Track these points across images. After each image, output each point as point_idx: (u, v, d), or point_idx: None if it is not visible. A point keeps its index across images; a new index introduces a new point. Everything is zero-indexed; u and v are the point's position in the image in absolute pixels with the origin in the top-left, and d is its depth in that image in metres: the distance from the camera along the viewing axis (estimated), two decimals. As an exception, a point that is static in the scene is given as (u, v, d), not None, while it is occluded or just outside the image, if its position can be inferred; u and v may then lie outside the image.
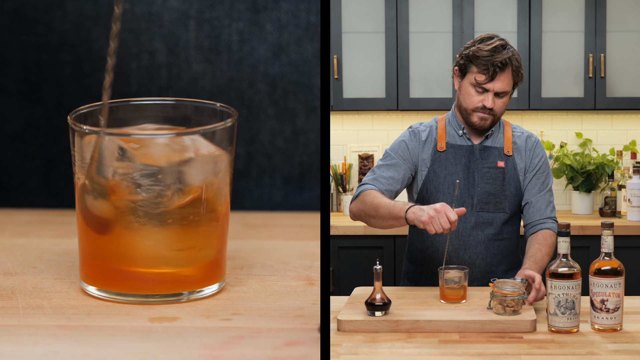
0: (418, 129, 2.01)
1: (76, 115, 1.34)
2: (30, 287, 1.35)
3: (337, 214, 3.19)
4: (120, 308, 1.28)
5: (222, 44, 1.69)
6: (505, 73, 1.92)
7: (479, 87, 1.93)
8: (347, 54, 3.18)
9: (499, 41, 1.93)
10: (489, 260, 1.96)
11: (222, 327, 1.22)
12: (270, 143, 1.71)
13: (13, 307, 1.28)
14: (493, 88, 1.92)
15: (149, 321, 1.23)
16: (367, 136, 3.38)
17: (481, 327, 1.61)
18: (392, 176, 1.96)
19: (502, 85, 1.93)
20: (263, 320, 1.24)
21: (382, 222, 1.89)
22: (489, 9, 3.15)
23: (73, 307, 1.28)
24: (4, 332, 1.19)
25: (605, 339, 1.55)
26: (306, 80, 1.69)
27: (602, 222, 1.61)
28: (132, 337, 1.19)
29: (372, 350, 1.50)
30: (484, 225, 1.96)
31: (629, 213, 3.08)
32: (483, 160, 1.97)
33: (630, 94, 3.15)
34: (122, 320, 1.24)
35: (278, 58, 1.69)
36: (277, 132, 1.71)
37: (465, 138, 1.99)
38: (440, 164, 1.98)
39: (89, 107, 1.36)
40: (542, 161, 2.00)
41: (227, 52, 1.69)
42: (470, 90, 1.94)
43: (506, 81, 1.93)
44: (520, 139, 2.00)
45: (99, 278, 1.32)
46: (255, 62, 1.69)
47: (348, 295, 1.85)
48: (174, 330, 1.21)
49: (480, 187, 1.96)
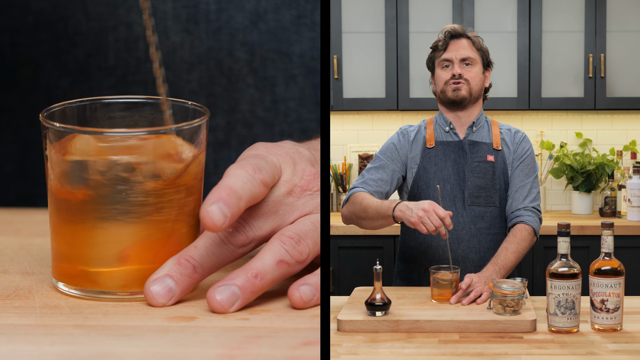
0: (407, 130, 2.04)
1: (48, 113, 1.33)
2: (47, 286, 1.34)
3: (337, 214, 3.19)
4: (138, 307, 1.27)
5: (200, 14, 1.68)
6: (462, 41, 2.00)
7: (444, 64, 1.99)
8: (347, 54, 3.18)
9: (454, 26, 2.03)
10: (482, 254, 1.96)
11: (239, 326, 1.22)
12: (250, 112, 1.70)
13: (30, 306, 1.28)
14: (454, 57, 1.98)
15: (166, 321, 1.23)
16: (367, 136, 3.38)
17: (481, 327, 1.61)
18: (380, 178, 1.98)
19: (463, 52, 1.99)
20: (280, 320, 1.24)
21: (372, 223, 1.90)
22: (489, 9, 3.15)
23: (90, 307, 1.27)
24: (21, 332, 1.19)
25: (605, 339, 1.55)
26: (285, 48, 1.68)
27: (602, 222, 1.61)
28: (149, 336, 1.18)
29: (372, 350, 1.50)
30: (476, 219, 1.97)
31: (629, 213, 3.08)
32: (472, 155, 1.98)
33: (630, 94, 3.15)
34: (139, 319, 1.23)
35: (256, 26, 1.67)
36: (257, 101, 1.70)
37: (452, 133, 2.00)
38: (429, 160, 1.98)
39: (60, 106, 1.35)
40: (527, 153, 2.00)
41: (205, 21, 1.67)
42: (439, 72, 2.01)
43: (466, 49, 2.00)
44: (508, 135, 2.02)
45: (69, 275, 1.32)
46: (234, 31, 1.67)
47: (348, 295, 1.85)
48: (191, 329, 1.21)
49: (470, 181, 1.96)
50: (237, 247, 1.29)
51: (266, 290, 1.28)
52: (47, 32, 1.72)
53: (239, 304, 1.26)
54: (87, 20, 1.70)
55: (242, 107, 1.69)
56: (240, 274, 1.26)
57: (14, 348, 1.15)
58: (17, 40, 1.73)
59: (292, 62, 1.68)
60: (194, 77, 1.69)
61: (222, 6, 1.67)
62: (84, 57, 1.71)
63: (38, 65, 1.73)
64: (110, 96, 1.40)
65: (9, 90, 1.75)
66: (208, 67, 1.68)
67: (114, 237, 1.28)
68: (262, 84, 1.69)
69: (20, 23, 1.72)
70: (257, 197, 1.28)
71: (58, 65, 1.73)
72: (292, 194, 1.32)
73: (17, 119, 1.75)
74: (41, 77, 1.73)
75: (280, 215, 1.31)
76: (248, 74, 1.68)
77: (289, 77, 1.69)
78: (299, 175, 1.32)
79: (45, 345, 1.15)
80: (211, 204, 1.23)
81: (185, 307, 1.28)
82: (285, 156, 1.33)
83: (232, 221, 1.24)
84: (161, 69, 1.28)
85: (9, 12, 1.72)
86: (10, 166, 1.77)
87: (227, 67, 1.68)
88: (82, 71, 1.71)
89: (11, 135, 1.76)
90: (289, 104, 1.69)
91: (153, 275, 1.27)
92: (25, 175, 1.77)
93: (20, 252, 1.48)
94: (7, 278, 1.37)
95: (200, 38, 1.67)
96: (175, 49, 1.68)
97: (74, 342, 1.16)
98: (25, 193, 1.77)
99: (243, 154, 1.33)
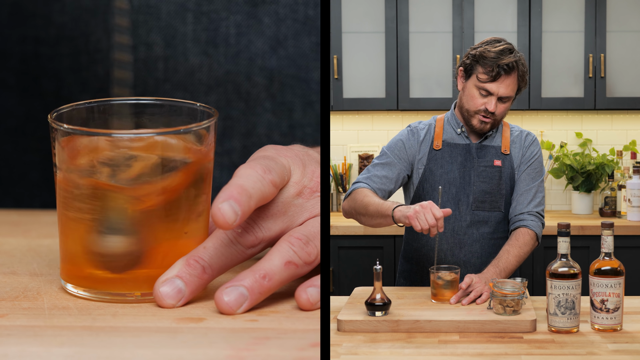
0: (417, 128, 2.02)
1: (57, 115, 1.33)
2: (56, 287, 1.34)
3: (337, 214, 3.19)
4: (147, 309, 1.27)
5: (220, 37, 1.69)
6: (511, 77, 1.92)
7: (482, 90, 1.93)
8: (347, 54, 3.18)
9: (507, 44, 1.94)
10: (485, 259, 1.96)
11: (248, 328, 1.22)
12: (267, 136, 1.71)
13: (39, 307, 1.28)
14: (497, 92, 1.92)
15: (175, 322, 1.23)
16: (367, 136, 3.38)
17: (481, 327, 1.61)
18: (385, 175, 1.97)
19: (506, 90, 1.93)
20: (288, 322, 1.24)
21: (371, 220, 1.90)
22: (489, 9, 3.15)
23: (99, 308, 1.27)
24: (30, 333, 1.19)
25: (605, 339, 1.55)
26: (304, 75, 1.69)
27: (602, 222, 1.61)
28: (158, 338, 1.18)
29: (372, 350, 1.50)
30: (479, 224, 1.97)
31: (629, 213, 3.08)
32: (479, 159, 1.97)
33: (630, 94, 3.15)
34: (148, 321, 1.23)
35: (275, 52, 1.68)
36: (273, 126, 1.71)
37: (463, 136, 1.99)
38: (436, 162, 1.98)
39: (69, 107, 1.35)
40: (535, 157, 1.99)
41: (224, 45, 1.68)
42: (474, 92, 1.94)
43: (511, 86, 1.93)
44: (519, 137, 2.00)
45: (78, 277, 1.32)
46: (253, 56, 1.68)
47: (348, 295, 1.85)
48: (200, 331, 1.21)
49: (476, 186, 1.96)
50: (246, 248, 1.29)
51: (274, 291, 1.29)
52: (68, 46, 1.74)
53: (247, 305, 1.26)
54: (107, 38, 1.71)
55: (259, 131, 1.70)
56: (248, 275, 1.26)
57: (22, 349, 1.15)
58: (41, 51, 1.75)
59: (310, 89, 1.69)
60: (212, 100, 1.70)
61: (242, 31, 1.68)
62: (104, 74, 1.72)
63: (60, 78, 1.75)
64: (118, 98, 1.40)
65: (34, 99, 1.76)
66: (226, 91, 1.69)
67: (122, 238, 1.28)
68: (279, 109, 1.70)
69: (44, 34, 1.74)
70: (267, 198, 1.28)
71: (79, 80, 1.74)
72: (301, 195, 1.32)
73: (41, 129, 1.77)
74: (63, 90, 1.75)
75: (290, 216, 1.31)
76: (266, 99, 1.69)
77: (307, 104, 1.70)
78: (308, 177, 1.33)
79: (54, 346, 1.16)
80: (222, 202, 1.23)
81: (194, 308, 1.28)
82: (294, 158, 1.33)
83: (243, 219, 1.24)
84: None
85: (33, 21, 1.74)
86: (36, 175, 1.79)
87: (245, 91, 1.69)
88: (101, 89, 1.73)
89: (36, 144, 1.78)
90: (306, 129, 1.70)
91: (162, 276, 1.28)
92: (50, 184, 1.78)
93: (29, 254, 1.48)
94: (16, 279, 1.38)
95: (219, 61, 1.68)
96: (193, 71, 1.69)
97: (82, 343, 1.17)
98: (51, 202, 1.78)
99: (253, 156, 1.33)
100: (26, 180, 1.79)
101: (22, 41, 1.75)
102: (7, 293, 1.32)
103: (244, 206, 1.24)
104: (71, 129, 1.28)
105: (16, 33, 1.75)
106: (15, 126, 1.78)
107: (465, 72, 1.97)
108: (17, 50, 1.75)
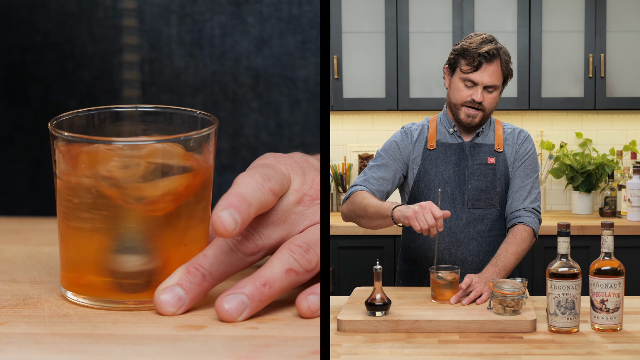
0: (410, 129, 2.03)
1: (57, 122, 1.33)
2: (56, 295, 1.34)
3: (337, 214, 3.19)
4: (147, 316, 1.27)
5: (204, 38, 1.69)
6: (493, 65, 1.94)
7: (467, 82, 1.95)
8: (347, 54, 3.18)
9: (487, 36, 1.97)
10: (482, 257, 1.96)
11: (248, 335, 1.22)
12: (255, 136, 1.70)
13: (39, 315, 1.28)
14: (482, 81, 1.94)
15: (175, 329, 1.23)
16: (367, 136, 3.38)
17: (481, 327, 1.61)
18: (382, 176, 1.97)
19: (491, 79, 1.94)
20: (289, 329, 1.24)
21: (371, 222, 1.90)
22: (489, 9, 3.15)
23: (99, 316, 1.27)
24: (30, 340, 1.19)
25: (605, 339, 1.56)
26: (290, 73, 1.68)
27: (602, 222, 1.61)
28: (158, 345, 1.18)
29: (372, 350, 1.50)
30: (475, 222, 1.97)
31: (629, 213, 3.08)
32: (473, 157, 1.98)
33: (630, 94, 3.15)
34: (149, 328, 1.23)
35: (261, 51, 1.68)
36: (261, 126, 1.70)
37: (455, 136, 2.00)
38: (430, 162, 1.98)
39: (69, 115, 1.35)
40: (529, 154, 2.00)
41: (209, 46, 1.68)
42: (460, 85, 1.97)
43: (495, 74, 1.94)
44: (512, 135, 2.01)
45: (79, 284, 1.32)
46: (238, 56, 1.68)
47: (348, 295, 1.85)
48: (200, 338, 1.21)
49: (470, 184, 1.96)
50: (247, 256, 1.29)
51: (275, 299, 1.29)
52: (54, 53, 1.73)
53: (247, 312, 1.26)
54: (92, 43, 1.71)
55: (246, 132, 1.70)
56: (248, 283, 1.26)
57: (23, 357, 1.15)
58: (27, 58, 1.75)
59: (296, 87, 1.69)
60: (198, 101, 1.70)
61: (227, 31, 1.68)
62: (91, 79, 1.72)
63: (47, 85, 1.75)
64: (118, 105, 1.40)
65: (21, 108, 1.76)
66: (212, 92, 1.69)
67: (122, 246, 1.28)
68: (266, 108, 1.70)
69: (29, 41, 1.73)
70: (266, 206, 1.28)
71: (66, 86, 1.74)
72: (301, 202, 1.32)
73: (29, 137, 1.77)
74: (51, 97, 1.75)
75: (290, 224, 1.31)
76: (252, 99, 1.69)
77: (294, 102, 1.70)
78: (308, 184, 1.33)
79: (54, 354, 1.16)
80: (222, 210, 1.23)
81: (194, 315, 1.28)
82: (294, 166, 1.34)
83: (243, 227, 1.25)
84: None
85: (18, 29, 1.73)
86: (24, 183, 1.78)
87: (232, 91, 1.69)
88: (89, 93, 1.72)
89: (24, 152, 1.77)
90: (294, 128, 1.70)
91: (162, 284, 1.28)
92: (38, 192, 1.78)
93: (29, 261, 1.48)
94: (16, 287, 1.38)
95: (205, 63, 1.68)
96: (179, 73, 1.69)
97: (83, 350, 1.17)
98: (39, 210, 1.78)
99: (252, 164, 1.33)
100: (15, 188, 1.79)
101: (9, 49, 1.75)
102: (8, 300, 1.32)
103: (244, 214, 1.24)
104: (72, 137, 1.28)
105: (2, 42, 1.74)
106: (3, 135, 1.78)
107: (450, 68, 2.00)
108: (3, 59, 1.75)
